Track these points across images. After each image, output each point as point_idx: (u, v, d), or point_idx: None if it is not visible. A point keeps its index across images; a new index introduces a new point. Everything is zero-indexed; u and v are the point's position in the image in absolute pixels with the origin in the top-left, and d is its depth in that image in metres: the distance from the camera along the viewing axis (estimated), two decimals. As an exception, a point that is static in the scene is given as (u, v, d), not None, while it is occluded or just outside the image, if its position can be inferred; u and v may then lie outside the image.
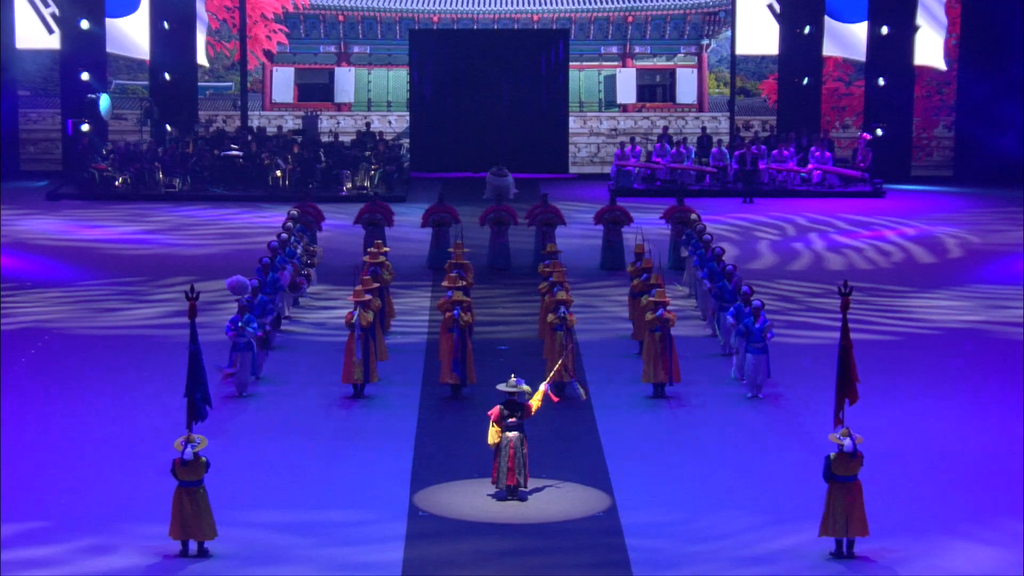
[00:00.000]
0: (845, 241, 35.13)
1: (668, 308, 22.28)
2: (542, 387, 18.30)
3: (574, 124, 45.12)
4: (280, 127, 44.01)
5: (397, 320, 26.54)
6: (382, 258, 25.85)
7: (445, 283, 23.43)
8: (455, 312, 22.03)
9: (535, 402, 18.08)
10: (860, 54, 43.87)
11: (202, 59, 44.39)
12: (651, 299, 22.51)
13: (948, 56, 43.78)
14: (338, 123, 45.21)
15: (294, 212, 30.34)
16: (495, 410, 17.94)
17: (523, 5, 45.92)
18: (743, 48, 44.83)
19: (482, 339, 24.56)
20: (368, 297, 22.36)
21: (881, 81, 42.93)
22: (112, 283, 30.06)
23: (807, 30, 43.20)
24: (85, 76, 41.53)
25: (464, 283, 23.80)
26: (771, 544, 16.55)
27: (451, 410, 21.78)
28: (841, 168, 41.80)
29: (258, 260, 25.72)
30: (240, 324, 22.07)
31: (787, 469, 19.08)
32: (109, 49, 42.92)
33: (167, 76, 42.82)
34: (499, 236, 31.37)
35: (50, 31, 42.37)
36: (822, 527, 16.26)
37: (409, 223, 33.37)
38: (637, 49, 46.02)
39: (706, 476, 18.89)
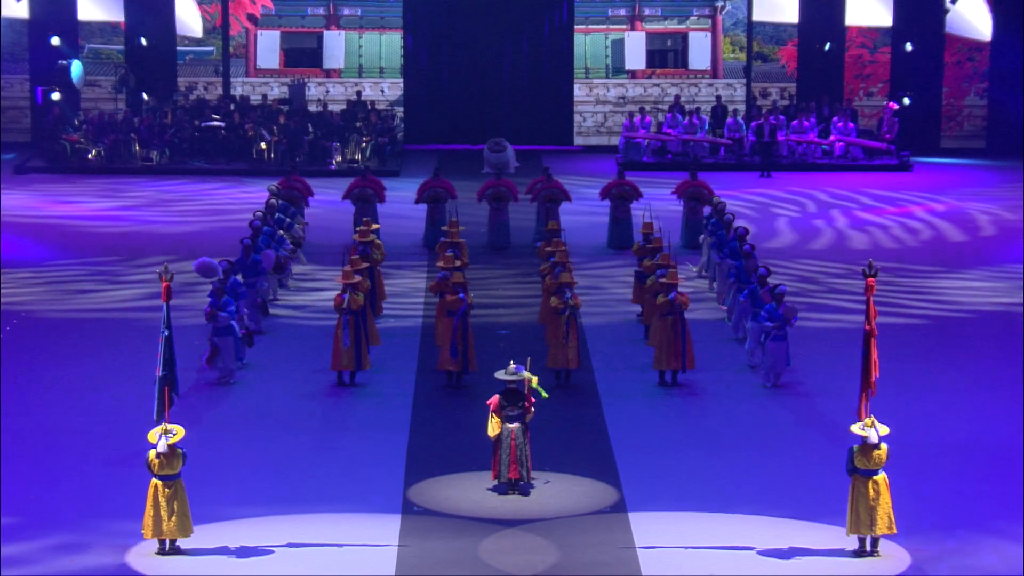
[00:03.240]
0: (870, 218, 35.07)
1: (680, 290, 22.22)
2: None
3: (579, 92, 45.03)
4: (265, 95, 43.93)
5: (390, 302, 26.51)
6: (372, 236, 25.80)
7: (440, 263, 23.39)
8: (461, 295, 22.00)
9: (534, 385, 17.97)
10: (884, 20, 43.79)
11: (195, 28, 44.31)
12: (661, 280, 22.43)
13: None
14: (327, 91, 45.12)
15: (275, 187, 30.26)
16: (494, 399, 17.93)
17: (525, -36, 45.80)
18: (760, 14, 44.73)
19: (480, 323, 24.51)
20: (358, 279, 22.32)
21: (909, 47, 42.81)
22: (85, 263, 30.01)
23: (829, -9, 43.11)
24: (55, 41, 41.41)
25: (460, 263, 23.77)
26: (789, 542, 16.53)
27: (448, 399, 21.76)
28: (865, 140, 41.72)
29: (239, 241, 25.67)
30: (217, 307, 22.04)
31: (807, 462, 19.06)
32: (81, 12, 42.81)
33: (143, 41, 42.70)
34: (498, 213, 31.31)
35: (17, -1, 42.16)
36: (849, 524, 16.22)
37: (402, 199, 33.30)
38: (647, 11, 45.89)
39: (720, 469, 18.88)
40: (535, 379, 18.03)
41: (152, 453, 16.13)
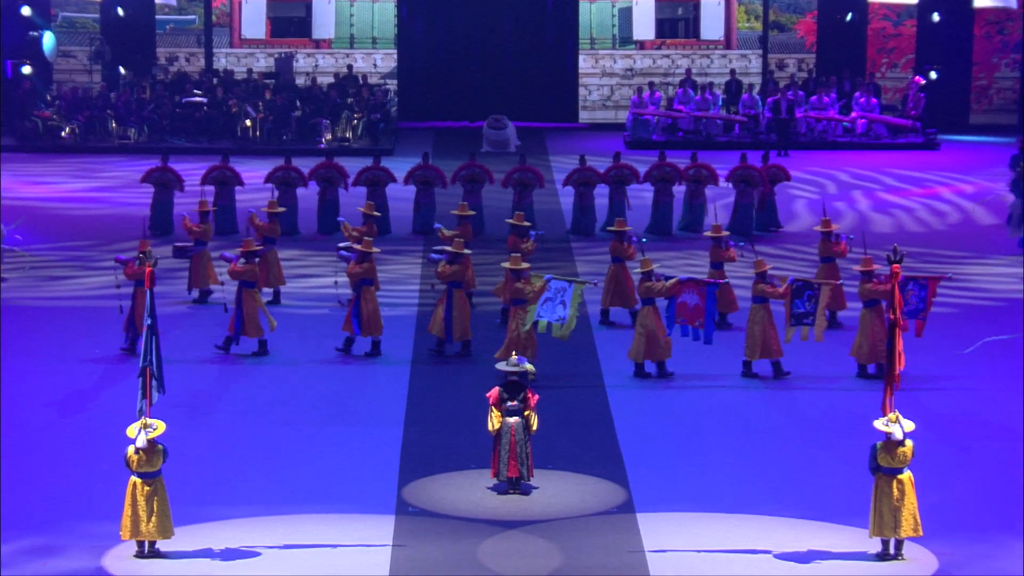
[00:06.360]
0: (894, 200, 35.09)
1: (770, 277, 22.20)
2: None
3: (584, 64, 45.01)
4: (250, 68, 43.90)
5: (386, 290, 26.54)
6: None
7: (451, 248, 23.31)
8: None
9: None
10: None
11: None
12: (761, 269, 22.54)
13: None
14: (316, 63, 45.10)
15: None
16: (494, 392, 17.94)
17: (527, -72, 45.78)
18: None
19: (481, 312, 24.61)
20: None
21: (936, 17, 42.78)
22: (58, 247, 30.03)
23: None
24: (26, 10, 41.39)
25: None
26: (807, 544, 16.55)
27: (444, 392, 21.77)
28: (889, 116, 41.72)
29: None
30: None
31: (827, 459, 19.07)
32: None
33: (120, 11, 42.68)
34: (472, 195, 31.10)
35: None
36: (872, 526, 16.23)
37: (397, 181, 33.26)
38: (656, -22, 45.85)
39: (734, 467, 18.89)
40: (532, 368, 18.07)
41: (131, 449, 16.12)
